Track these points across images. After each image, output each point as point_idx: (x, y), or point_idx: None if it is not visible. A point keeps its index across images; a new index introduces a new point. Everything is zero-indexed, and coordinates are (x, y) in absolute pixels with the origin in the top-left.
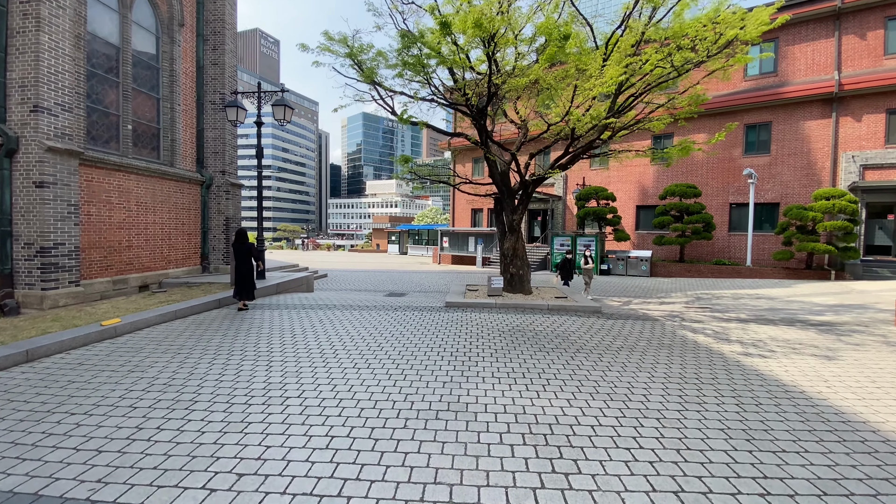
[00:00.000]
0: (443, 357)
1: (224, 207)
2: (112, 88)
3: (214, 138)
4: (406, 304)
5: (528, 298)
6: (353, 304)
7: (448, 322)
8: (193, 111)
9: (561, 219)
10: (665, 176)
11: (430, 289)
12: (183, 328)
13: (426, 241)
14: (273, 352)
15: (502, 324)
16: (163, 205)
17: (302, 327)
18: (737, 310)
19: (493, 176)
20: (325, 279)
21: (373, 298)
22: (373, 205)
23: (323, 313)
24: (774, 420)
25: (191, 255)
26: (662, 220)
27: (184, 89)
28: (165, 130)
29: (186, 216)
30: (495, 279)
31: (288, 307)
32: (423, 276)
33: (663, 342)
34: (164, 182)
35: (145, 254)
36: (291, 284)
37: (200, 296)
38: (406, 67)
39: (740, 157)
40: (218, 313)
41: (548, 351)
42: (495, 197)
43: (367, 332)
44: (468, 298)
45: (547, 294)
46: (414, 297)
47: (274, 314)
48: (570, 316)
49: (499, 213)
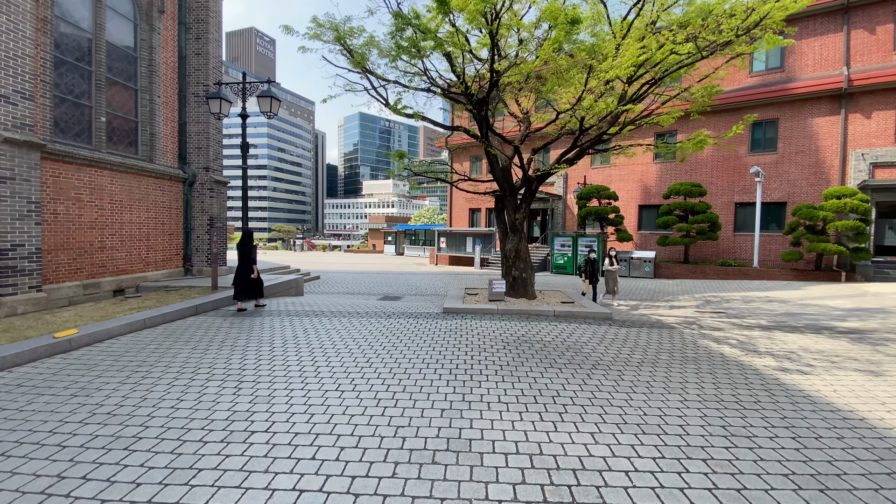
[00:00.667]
0: (440, 376)
1: (208, 206)
2: (84, 78)
3: (198, 133)
4: (401, 310)
5: (533, 304)
6: (343, 309)
7: (446, 331)
8: (175, 104)
9: (561, 218)
10: (668, 175)
11: (426, 292)
12: (150, 340)
13: (423, 242)
14: (245, 369)
15: (506, 333)
16: (140, 203)
17: (282, 338)
18: (753, 315)
19: (493, 172)
20: (318, 282)
21: (365, 303)
22: (369, 205)
23: (308, 321)
24: (844, 460)
25: (172, 257)
26: (667, 219)
27: (164, 80)
28: (144, 124)
29: (167, 215)
30: (497, 283)
31: (271, 314)
32: (420, 277)
33: (687, 355)
34: (141, 179)
35: (120, 256)
36: (279, 288)
37: (177, 301)
38: (401, 52)
39: (746, 154)
40: (194, 321)
41: (560, 367)
42: (496, 195)
43: (355, 344)
44: (468, 304)
45: (552, 298)
46: (409, 301)
47: (254, 322)
48: (580, 324)
49: (500, 212)
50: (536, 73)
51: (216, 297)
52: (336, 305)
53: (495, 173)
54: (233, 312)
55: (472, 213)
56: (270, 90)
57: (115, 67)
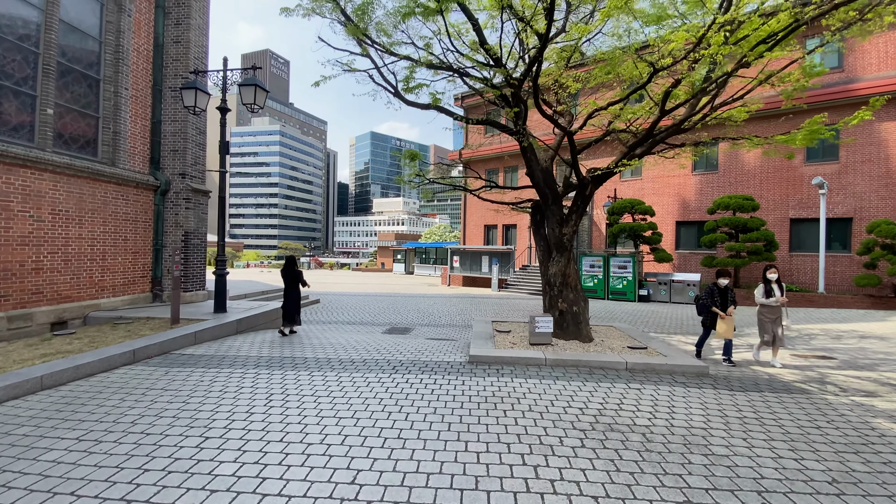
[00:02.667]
0: None
1: (183, 219)
2: (28, 62)
3: (174, 132)
4: (411, 355)
5: (591, 349)
6: (332, 354)
7: (479, 405)
8: (148, 99)
9: (587, 236)
10: (710, 188)
11: (440, 321)
12: (28, 416)
13: (434, 260)
14: (131, 494)
15: (573, 408)
16: (95, 214)
17: (227, 418)
18: (868, 358)
19: (532, 175)
20: (316, 307)
21: (365, 341)
22: (379, 223)
23: (277, 380)
24: None
25: (136, 280)
26: (713, 237)
27: (135, 70)
28: (107, 120)
29: (131, 230)
30: (541, 321)
31: (234, 362)
32: (432, 302)
33: (891, 461)
34: (97, 185)
35: (63, 279)
36: (260, 319)
37: (119, 340)
38: (413, 7)
39: (801, 164)
40: (122, 375)
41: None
42: (533, 205)
43: (336, 435)
44: (501, 348)
45: (613, 340)
46: (421, 335)
47: (204, 378)
48: (671, 385)
49: (538, 226)
50: (577, 63)
51: (170, 336)
52: (326, 346)
53: (534, 176)
54: (183, 360)
55: (488, 230)
56: (255, 78)
57: (72, 52)
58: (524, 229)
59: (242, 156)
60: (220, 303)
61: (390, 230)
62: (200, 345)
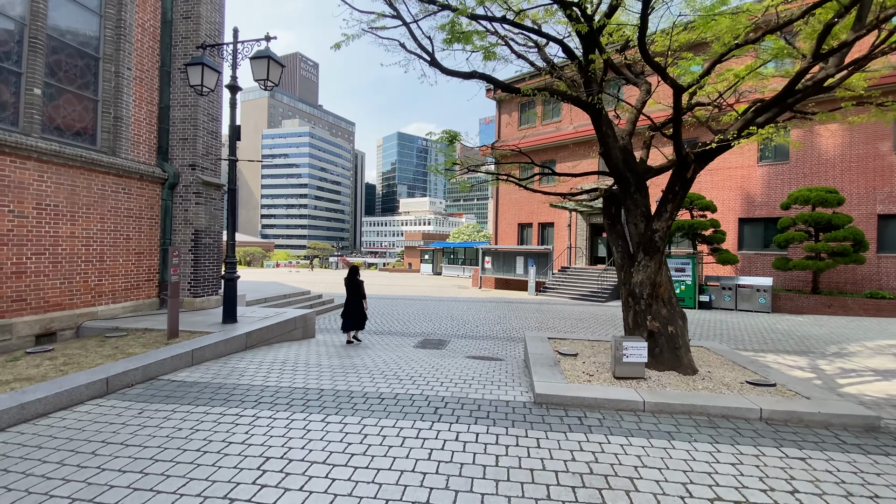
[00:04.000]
0: None
1: (193, 215)
2: (11, 35)
3: (183, 119)
4: (453, 387)
5: (698, 385)
6: (357, 382)
7: (572, 488)
8: (155, 81)
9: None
10: (780, 180)
11: (479, 332)
12: None
13: (462, 261)
14: None
15: (723, 499)
16: (91, 210)
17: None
18: None
19: (607, 155)
20: (342, 311)
21: (395, 361)
22: (406, 222)
23: (284, 425)
24: None
25: (140, 284)
26: (791, 236)
27: (139, 49)
28: (106, 104)
29: (135, 227)
30: (631, 346)
31: (231, 395)
32: (465, 307)
33: None
34: (94, 176)
35: (52, 284)
36: (275, 331)
37: (99, 361)
38: None
39: (891, 153)
40: (85, 415)
41: None
42: (606, 195)
43: None
44: (576, 383)
45: (720, 370)
46: (459, 350)
47: (185, 423)
48: (840, 448)
49: (613, 221)
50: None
51: (158, 358)
52: (348, 369)
53: (610, 156)
54: (169, 391)
55: (522, 229)
56: (268, 50)
57: (66, 25)
58: (562, 228)
59: (273, 157)
60: (230, 311)
61: (417, 230)
62: (199, 366)
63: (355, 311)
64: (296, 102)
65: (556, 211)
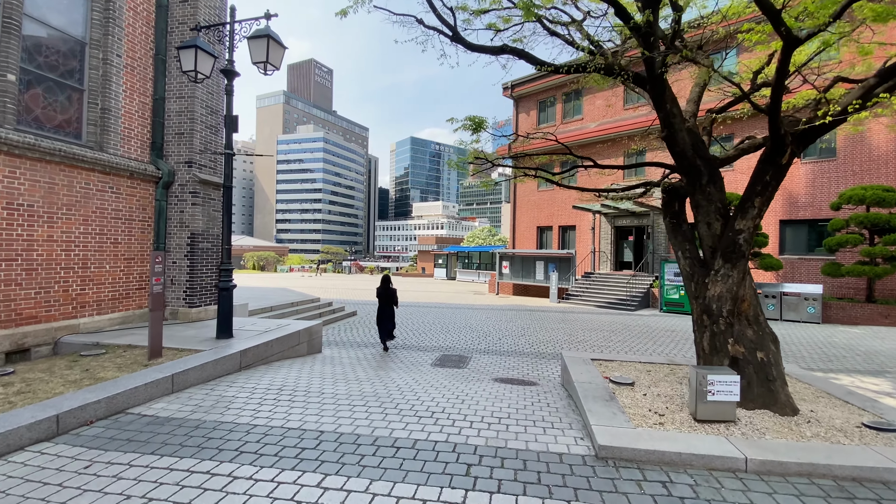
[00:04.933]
0: None
1: (189, 217)
2: None
3: (180, 112)
4: (483, 430)
5: (803, 429)
6: (365, 420)
7: None
8: (149, 70)
9: (664, 239)
10: (825, 179)
11: (503, 345)
12: None
13: (477, 265)
14: None
15: None
16: (72, 211)
17: None
18: None
19: (672, 139)
20: (352, 320)
21: (410, 386)
22: (419, 227)
23: (267, 497)
24: None
25: (130, 294)
26: (844, 239)
27: (130, 35)
28: (93, 94)
29: (124, 230)
30: (719, 380)
31: (208, 439)
32: (484, 315)
33: None
34: (76, 173)
35: (26, 294)
36: (275, 347)
37: (62, 389)
38: None
39: None
40: (18, 470)
41: None
42: (668, 189)
43: None
44: (647, 433)
45: (821, 406)
46: (484, 370)
47: (138, 485)
48: None
49: (677, 220)
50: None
51: (129, 386)
52: (354, 399)
53: (676, 140)
54: (134, 431)
55: (542, 233)
56: (268, 29)
57: (47, 5)
58: (585, 231)
59: (289, 163)
60: (225, 325)
61: (430, 234)
62: (180, 394)
63: (389, 319)
64: (310, 108)
65: (578, 213)
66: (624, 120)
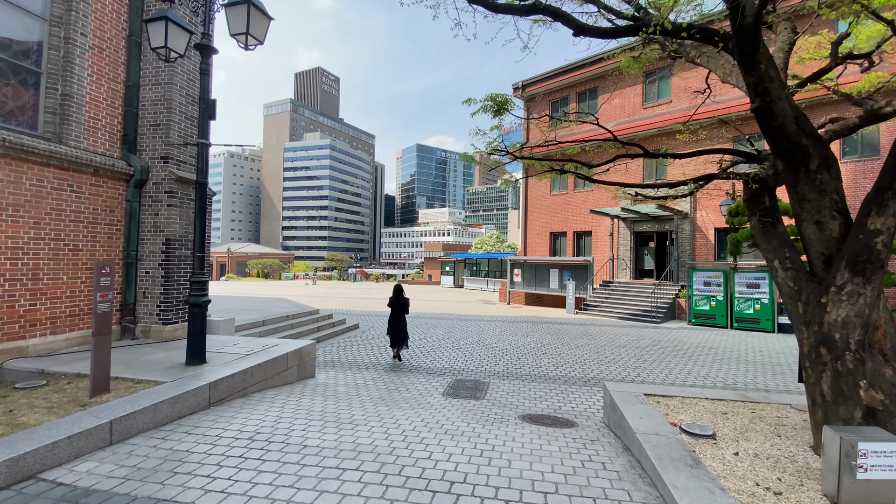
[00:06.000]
0: None
1: (165, 220)
2: None
3: (155, 100)
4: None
5: None
6: (354, 490)
7: None
8: (121, 53)
9: (688, 245)
10: (867, 179)
11: (524, 368)
12: None
13: (486, 273)
14: None
15: None
16: (19, 212)
17: None
18: None
19: (768, 111)
20: (353, 334)
21: (418, 426)
22: (425, 233)
23: None
24: None
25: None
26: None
27: (99, 12)
28: (52, 77)
29: (87, 235)
30: (873, 450)
31: None
32: (498, 329)
33: None
34: (26, 168)
35: None
36: (255, 376)
37: None
38: None
39: None
40: None
41: None
42: (754, 181)
43: None
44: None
45: None
46: (508, 405)
47: None
48: None
49: (772, 219)
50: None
51: (54, 438)
52: (345, 456)
53: (773, 112)
54: None
55: (555, 239)
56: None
57: None
58: (602, 237)
59: (295, 170)
60: (196, 349)
61: (437, 241)
62: (120, 446)
63: (401, 329)
64: (317, 116)
65: (594, 218)
66: (642, 119)
